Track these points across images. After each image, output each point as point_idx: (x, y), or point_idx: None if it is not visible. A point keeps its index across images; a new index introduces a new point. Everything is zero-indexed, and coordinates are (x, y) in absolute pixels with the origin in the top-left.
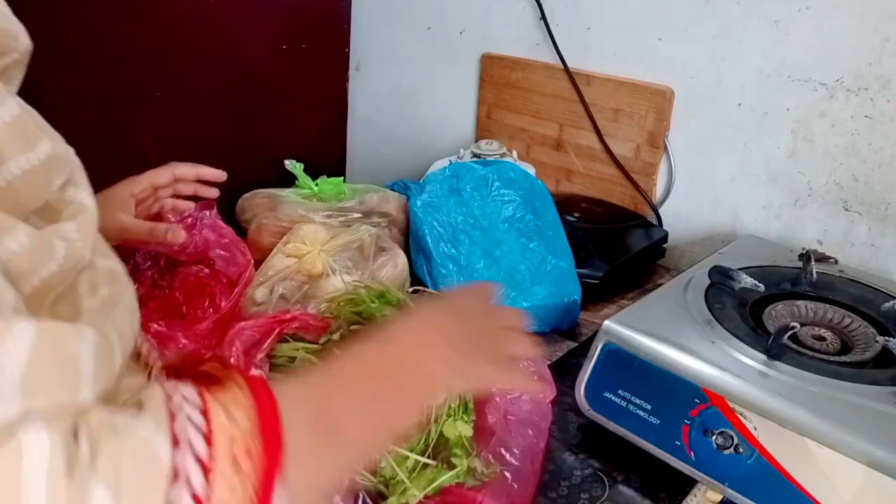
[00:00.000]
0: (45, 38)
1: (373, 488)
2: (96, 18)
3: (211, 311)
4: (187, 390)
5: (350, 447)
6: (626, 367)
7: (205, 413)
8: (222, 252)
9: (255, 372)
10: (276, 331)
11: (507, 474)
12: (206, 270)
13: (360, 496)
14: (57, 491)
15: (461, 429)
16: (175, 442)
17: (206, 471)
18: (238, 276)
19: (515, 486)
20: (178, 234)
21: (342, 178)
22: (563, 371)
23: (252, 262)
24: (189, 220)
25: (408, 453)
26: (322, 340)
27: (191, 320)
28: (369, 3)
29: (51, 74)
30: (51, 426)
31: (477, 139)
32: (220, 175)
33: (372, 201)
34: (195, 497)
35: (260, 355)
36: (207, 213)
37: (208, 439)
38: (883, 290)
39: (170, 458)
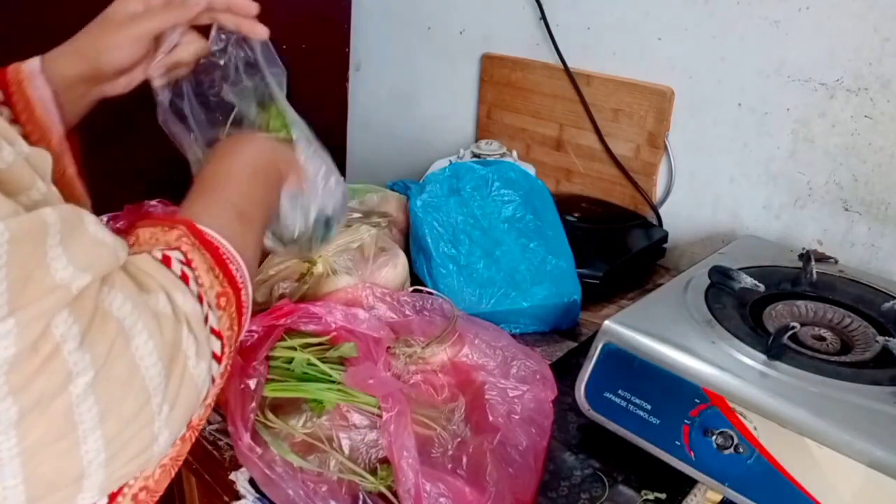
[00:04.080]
0: (41, 39)
1: (373, 488)
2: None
3: None
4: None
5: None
6: (626, 367)
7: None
8: None
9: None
10: (275, 334)
11: (511, 470)
12: None
13: (361, 496)
14: None
15: None
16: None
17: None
18: None
19: (519, 484)
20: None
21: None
22: (563, 371)
23: None
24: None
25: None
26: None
27: None
28: (369, 3)
29: None
30: None
31: (477, 139)
32: (252, 6)
33: (372, 201)
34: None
35: (257, 363)
36: None
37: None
38: (883, 290)
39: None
